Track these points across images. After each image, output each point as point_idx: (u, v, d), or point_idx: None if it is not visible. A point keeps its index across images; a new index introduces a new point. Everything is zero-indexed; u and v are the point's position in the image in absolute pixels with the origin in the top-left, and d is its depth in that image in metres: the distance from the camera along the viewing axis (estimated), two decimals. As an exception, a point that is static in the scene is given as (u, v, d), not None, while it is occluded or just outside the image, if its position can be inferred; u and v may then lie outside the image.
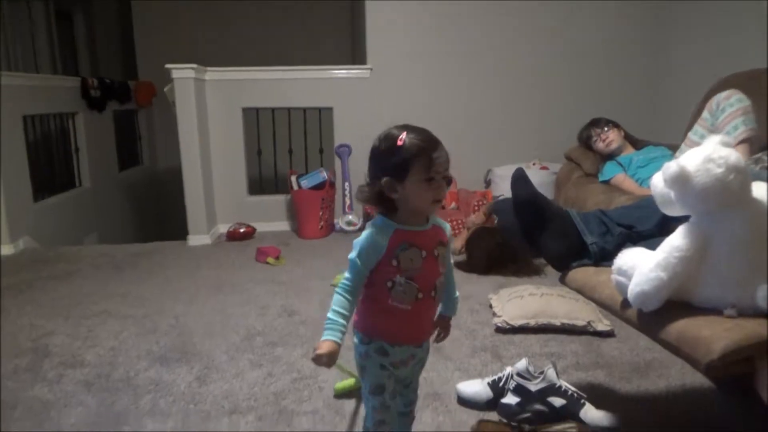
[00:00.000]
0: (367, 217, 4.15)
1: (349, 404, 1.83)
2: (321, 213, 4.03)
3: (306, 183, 4.05)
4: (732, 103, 2.43)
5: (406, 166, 1.14)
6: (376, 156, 1.19)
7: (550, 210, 1.67)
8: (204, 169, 3.97)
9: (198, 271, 3.34)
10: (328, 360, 1.13)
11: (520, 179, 1.67)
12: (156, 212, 5.86)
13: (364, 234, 1.19)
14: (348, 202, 4.28)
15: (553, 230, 1.64)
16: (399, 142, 1.14)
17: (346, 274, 1.19)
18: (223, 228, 4.18)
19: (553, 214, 1.67)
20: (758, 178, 1.41)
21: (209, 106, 4.12)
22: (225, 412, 1.79)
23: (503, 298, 2.54)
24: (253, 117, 4.40)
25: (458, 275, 3.17)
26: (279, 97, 4.24)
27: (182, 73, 3.76)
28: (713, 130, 2.46)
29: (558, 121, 4.20)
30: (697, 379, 1.90)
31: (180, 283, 3.10)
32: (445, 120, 4.16)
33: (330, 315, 1.17)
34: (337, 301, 1.18)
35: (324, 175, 4.07)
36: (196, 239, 3.93)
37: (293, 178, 4.09)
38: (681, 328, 1.21)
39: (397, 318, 1.21)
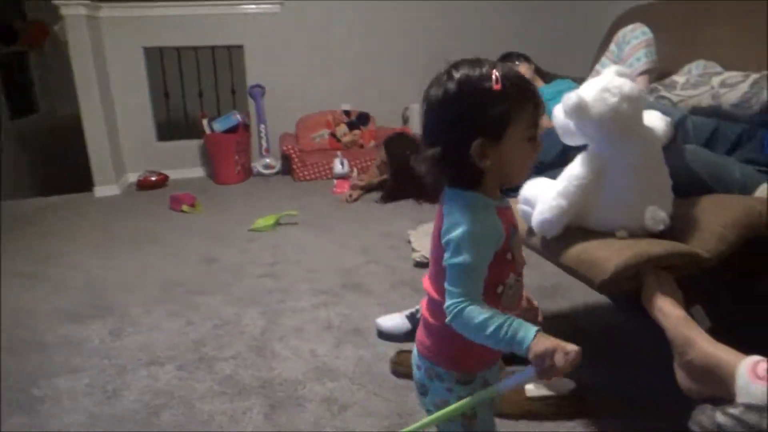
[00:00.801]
0: (285, 160, 4.06)
1: (271, 345, 1.84)
2: (237, 157, 3.91)
3: (219, 126, 3.90)
4: (637, 35, 2.52)
5: (505, 121, 0.80)
6: (455, 108, 0.82)
7: None
8: (106, 114, 3.73)
9: (109, 223, 3.19)
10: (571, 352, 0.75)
11: None
12: (58, 163, 5.47)
13: (469, 220, 0.80)
14: (264, 144, 4.17)
15: None
16: (496, 86, 0.79)
17: (457, 290, 0.80)
18: (132, 177, 3.99)
19: None
20: (652, 107, 1.49)
21: (107, 46, 3.83)
22: (142, 364, 1.76)
23: (421, 233, 2.61)
24: (156, 57, 4.13)
25: (381, 211, 3.21)
26: (183, 35, 4.00)
27: (73, 9, 3.45)
28: (618, 61, 2.54)
29: (472, 56, 4.21)
30: (597, 298, 2.05)
31: (90, 237, 2.96)
32: (361, 56, 4.06)
33: (496, 324, 0.77)
34: (478, 312, 0.78)
35: (237, 117, 3.93)
36: (103, 190, 3.74)
37: (205, 122, 3.92)
38: (578, 251, 1.28)
39: None
